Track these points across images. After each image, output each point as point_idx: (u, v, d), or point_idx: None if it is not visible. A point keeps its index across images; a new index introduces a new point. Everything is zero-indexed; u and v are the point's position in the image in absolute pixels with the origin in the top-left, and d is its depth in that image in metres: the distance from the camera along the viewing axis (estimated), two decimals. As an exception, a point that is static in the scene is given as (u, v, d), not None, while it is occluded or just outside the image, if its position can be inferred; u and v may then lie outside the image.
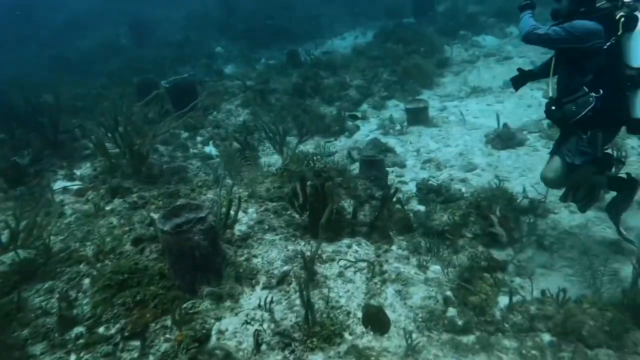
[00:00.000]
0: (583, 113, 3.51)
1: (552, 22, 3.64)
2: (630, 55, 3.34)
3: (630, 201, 4.00)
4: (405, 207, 5.25)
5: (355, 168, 6.02)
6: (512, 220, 4.60)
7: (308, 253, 3.55)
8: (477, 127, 7.28)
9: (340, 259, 3.54)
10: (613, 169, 4.12)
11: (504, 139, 6.46)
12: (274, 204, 4.17)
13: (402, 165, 6.36)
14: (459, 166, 6.15)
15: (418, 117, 7.58)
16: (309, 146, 7.28)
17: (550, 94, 3.75)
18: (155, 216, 3.78)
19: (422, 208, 5.12)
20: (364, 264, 3.52)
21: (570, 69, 3.61)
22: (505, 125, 6.70)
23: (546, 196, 5.01)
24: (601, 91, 3.46)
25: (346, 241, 3.83)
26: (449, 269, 3.80)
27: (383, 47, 11.28)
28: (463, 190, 5.39)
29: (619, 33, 3.32)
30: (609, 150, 4.11)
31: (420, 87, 9.34)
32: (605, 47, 3.38)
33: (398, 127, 7.47)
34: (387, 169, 6.29)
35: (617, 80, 3.41)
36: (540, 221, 4.77)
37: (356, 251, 3.73)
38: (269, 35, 16.01)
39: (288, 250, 3.56)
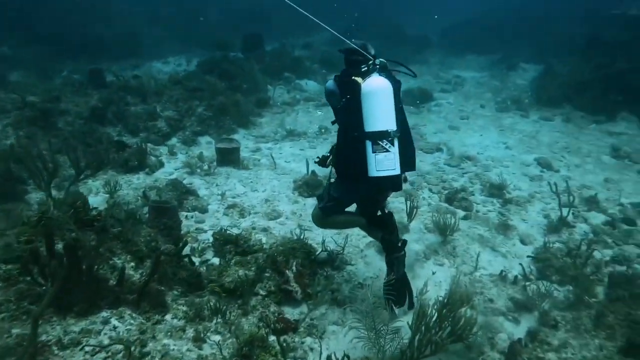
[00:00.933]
0: (331, 163, 3.89)
1: None
2: (358, 118, 3.51)
3: (395, 235, 4.08)
4: (200, 260, 4.75)
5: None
6: (307, 275, 4.40)
7: (45, 337, 2.73)
8: (287, 172, 7.15)
9: (87, 343, 2.80)
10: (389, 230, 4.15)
11: (311, 186, 6.41)
12: (8, 266, 3.22)
13: (204, 210, 5.81)
14: (264, 213, 5.85)
15: (229, 157, 7.17)
16: (98, 182, 6.31)
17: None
18: None
19: (217, 261, 4.67)
20: (120, 346, 2.84)
21: None
22: (313, 172, 6.68)
23: (344, 247, 4.98)
24: (336, 145, 3.83)
25: (105, 314, 3.09)
26: (230, 341, 3.35)
27: (203, 78, 10.76)
28: (264, 240, 5.08)
29: (348, 96, 3.55)
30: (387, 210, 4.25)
31: (236, 125, 9.02)
32: (339, 107, 3.68)
33: (206, 167, 6.95)
34: (187, 213, 5.72)
35: (350, 138, 3.59)
36: (336, 274, 4.69)
37: (115, 328, 3.01)
38: (80, 45, 14.22)
39: (11, 335, 2.68)
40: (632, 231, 5.91)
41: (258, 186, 6.64)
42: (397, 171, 3.52)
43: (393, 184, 3.64)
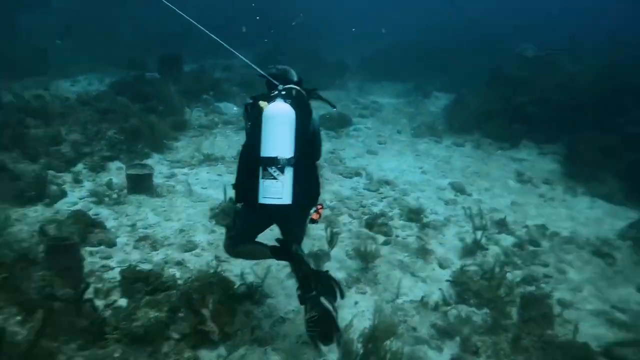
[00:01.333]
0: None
1: None
2: (258, 142, 3.46)
3: (305, 268, 3.75)
4: (105, 303, 4.32)
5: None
6: (225, 313, 4.15)
7: None
8: (204, 200, 6.82)
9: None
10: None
11: (228, 213, 6.14)
12: None
13: (112, 244, 5.34)
14: (178, 245, 5.49)
15: (141, 184, 6.70)
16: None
17: None
18: None
19: (125, 302, 4.26)
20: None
21: None
22: (231, 199, 6.43)
23: (264, 279, 4.78)
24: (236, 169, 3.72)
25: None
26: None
27: (115, 99, 10.10)
28: (177, 275, 4.75)
29: (254, 120, 3.53)
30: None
31: (150, 149, 8.54)
32: (246, 129, 3.68)
33: (115, 195, 6.45)
34: (92, 248, 5.23)
35: (250, 163, 3.54)
36: (256, 309, 4.48)
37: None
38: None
39: None
40: (537, 251, 6.28)
41: (172, 215, 6.26)
42: (285, 201, 3.42)
43: (282, 213, 3.58)
